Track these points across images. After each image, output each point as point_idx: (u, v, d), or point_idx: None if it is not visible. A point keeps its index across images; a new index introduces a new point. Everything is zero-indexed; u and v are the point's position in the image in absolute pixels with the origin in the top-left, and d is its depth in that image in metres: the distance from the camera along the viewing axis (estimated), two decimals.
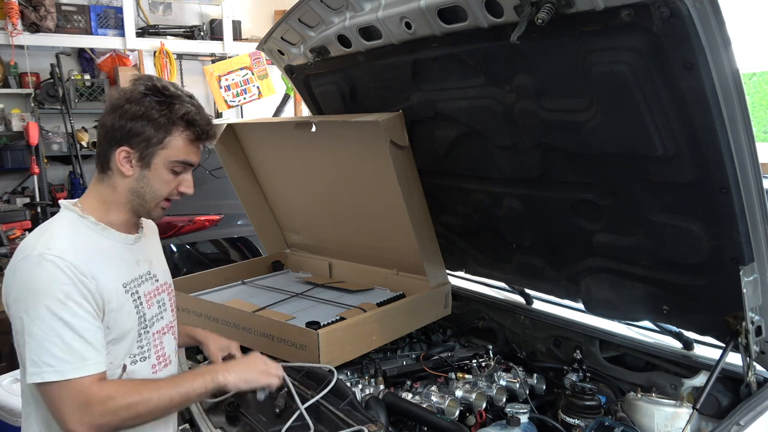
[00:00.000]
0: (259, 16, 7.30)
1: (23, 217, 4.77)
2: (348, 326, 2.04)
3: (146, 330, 1.46)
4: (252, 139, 2.78)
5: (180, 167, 1.44)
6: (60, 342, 1.25)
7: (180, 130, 1.40)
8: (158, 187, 1.44)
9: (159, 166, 1.42)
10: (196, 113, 1.42)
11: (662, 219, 1.71)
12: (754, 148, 1.41)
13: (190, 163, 1.46)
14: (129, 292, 1.42)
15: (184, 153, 1.43)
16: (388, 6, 1.83)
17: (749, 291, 1.57)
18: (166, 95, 1.40)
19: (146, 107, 1.37)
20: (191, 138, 1.43)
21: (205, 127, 1.44)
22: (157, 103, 1.38)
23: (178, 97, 1.41)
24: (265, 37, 2.36)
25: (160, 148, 1.40)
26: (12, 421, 2.33)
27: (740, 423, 1.51)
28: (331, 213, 2.70)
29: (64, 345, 1.25)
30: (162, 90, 1.40)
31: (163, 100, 1.39)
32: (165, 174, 1.43)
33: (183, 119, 1.40)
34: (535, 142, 1.84)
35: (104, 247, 1.40)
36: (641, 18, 1.35)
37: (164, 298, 1.56)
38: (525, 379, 2.06)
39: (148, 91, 1.38)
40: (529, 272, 2.26)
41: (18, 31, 5.44)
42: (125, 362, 1.41)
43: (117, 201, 1.44)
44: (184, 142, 1.42)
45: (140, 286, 1.46)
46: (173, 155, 1.42)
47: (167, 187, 1.45)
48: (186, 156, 1.44)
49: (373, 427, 1.56)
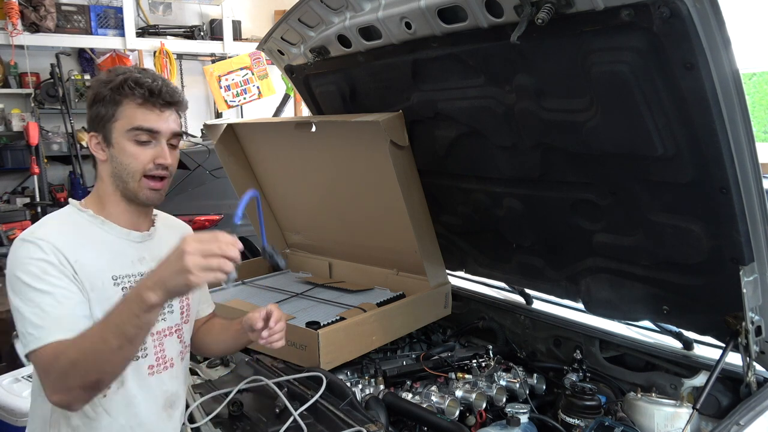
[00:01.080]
0: (259, 16, 7.30)
1: (23, 217, 4.77)
2: (348, 326, 2.04)
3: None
4: (252, 139, 2.78)
5: (143, 135, 1.39)
6: (39, 311, 1.25)
7: (127, 98, 1.38)
8: (127, 162, 1.39)
9: (119, 139, 1.39)
10: (137, 76, 1.38)
11: (662, 219, 1.71)
12: (754, 148, 1.41)
13: (149, 129, 1.39)
14: (119, 285, 1.40)
15: (136, 119, 1.38)
16: (388, 6, 1.83)
17: (749, 291, 1.57)
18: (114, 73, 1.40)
19: (96, 90, 1.40)
20: (139, 102, 1.38)
21: (153, 85, 1.37)
22: (104, 83, 1.39)
23: (126, 71, 1.41)
24: (265, 37, 2.36)
25: (113, 122, 1.39)
26: (12, 421, 2.33)
27: (740, 423, 1.52)
28: (331, 213, 2.70)
29: (43, 313, 1.25)
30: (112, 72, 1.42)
31: (109, 78, 1.40)
32: (128, 146, 1.39)
33: (125, 84, 1.37)
34: (535, 142, 1.84)
35: (98, 238, 1.40)
36: (641, 18, 1.35)
37: (173, 300, 1.51)
38: (525, 379, 2.06)
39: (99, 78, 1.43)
40: (529, 272, 2.26)
41: (18, 31, 5.44)
42: None
43: (107, 191, 1.44)
44: (133, 107, 1.38)
45: (136, 283, 1.43)
46: (126, 124, 1.38)
47: (137, 161, 1.39)
48: (140, 121, 1.38)
49: (373, 427, 1.56)
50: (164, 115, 1.41)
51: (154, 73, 1.43)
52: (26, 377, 2.51)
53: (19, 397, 2.37)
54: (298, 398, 1.73)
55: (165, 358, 1.51)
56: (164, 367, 1.51)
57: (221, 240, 1.13)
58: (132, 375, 1.42)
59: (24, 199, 5.63)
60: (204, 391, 1.84)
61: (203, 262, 1.10)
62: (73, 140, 5.71)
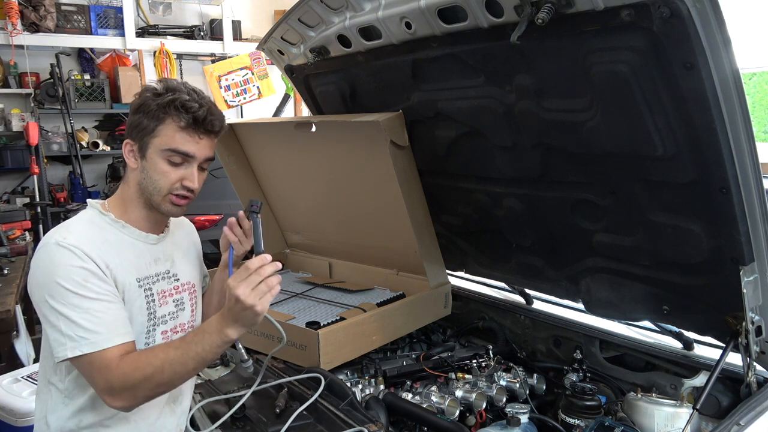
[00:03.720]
0: (259, 16, 7.30)
1: (23, 217, 4.76)
2: (348, 326, 2.04)
3: (154, 327, 1.47)
4: (252, 139, 2.78)
5: (176, 157, 1.40)
6: (89, 316, 1.29)
7: (171, 118, 1.38)
8: (156, 178, 1.41)
9: (154, 155, 1.40)
10: (187, 100, 1.38)
11: (662, 219, 1.71)
12: (754, 148, 1.41)
13: (185, 153, 1.40)
14: (142, 287, 1.44)
15: (175, 141, 1.39)
16: (388, 6, 1.83)
17: (749, 291, 1.57)
18: (166, 88, 1.40)
19: (144, 99, 1.40)
20: (182, 125, 1.38)
21: (198, 113, 1.39)
22: (154, 95, 1.40)
23: (175, 89, 1.40)
24: (265, 37, 2.36)
25: (152, 137, 1.39)
26: (12, 421, 2.33)
27: (740, 423, 1.51)
28: (331, 213, 2.70)
29: (95, 318, 1.29)
30: (164, 84, 1.42)
31: (160, 92, 1.40)
32: (161, 164, 1.40)
33: (172, 105, 1.37)
34: (535, 142, 1.84)
35: (120, 242, 1.43)
36: (641, 18, 1.35)
37: (184, 298, 1.56)
38: (525, 379, 2.06)
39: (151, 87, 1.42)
40: (529, 272, 2.26)
41: (18, 31, 5.44)
42: None
43: (131, 196, 1.46)
44: (174, 129, 1.39)
45: (155, 284, 1.47)
46: (164, 143, 1.39)
47: (166, 179, 1.41)
48: (178, 144, 1.39)
49: (373, 427, 1.56)
50: (202, 143, 1.43)
51: (203, 98, 1.43)
52: (26, 377, 2.51)
53: (19, 397, 2.37)
54: (298, 398, 1.73)
55: None
56: None
57: (252, 268, 1.28)
58: None
59: (24, 199, 5.62)
60: (205, 392, 1.84)
61: (256, 294, 1.27)
62: (73, 140, 5.70)
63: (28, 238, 4.58)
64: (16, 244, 4.27)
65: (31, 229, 4.83)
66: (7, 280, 3.54)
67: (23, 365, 2.99)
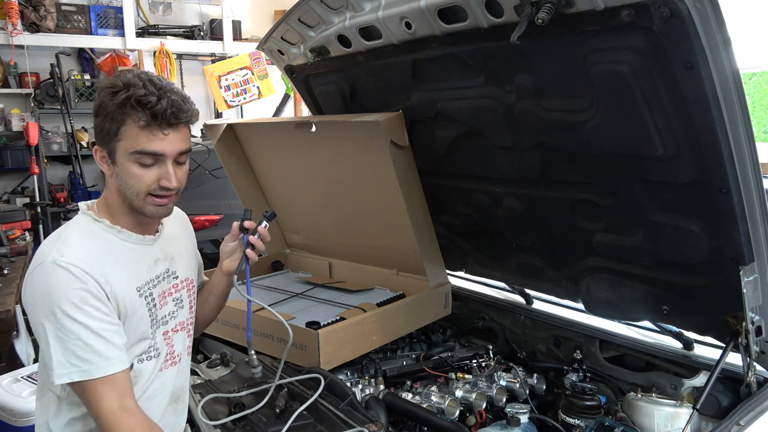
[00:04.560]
0: (259, 16, 7.30)
1: (23, 217, 4.76)
2: (348, 326, 2.04)
3: (157, 329, 1.46)
4: (252, 139, 2.78)
5: (146, 158, 1.30)
6: (82, 344, 1.26)
7: (130, 118, 1.27)
8: (131, 183, 1.32)
9: (123, 159, 1.30)
10: (143, 95, 1.25)
11: (662, 219, 1.71)
12: (754, 148, 1.41)
13: (152, 153, 1.29)
14: (143, 295, 1.41)
15: (139, 142, 1.28)
16: (388, 6, 1.83)
17: (749, 291, 1.57)
18: (121, 84, 1.28)
19: (101, 100, 1.30)
20: (142, 124, 1.27)
21: (157, 108, 1.26)
22: (110, 94, 1.28)
23: (130, 84, 1.28)
24: (265, 37, 2.36)
25: (117, 141, 1.29)
26: (12, 421, 2.33)
27: (740, 423, 1.52)
28: (331, 213, 2.70)
29: (86, 346, 1.26)
30: (119, 78, 1.30)
31: (115, 89, 1.28)
32: (132, 168, 1.30)
33: (128, 104, 1.25)
34: (535, 142, 1.84)
35: (119, 250, 1.38)
36: (641, 18, 1.35)
37: (182, 295, 1.54)
38: (525, 379, 2.06)
39: (107, 85, 1.31)
40: (529, 272, 2.26)
41: (18, 31, 5.44)
42: (133, 361, 1.41)
43: (115, 202, 1.40)
44: (136, 129, 1.27)
45: (155, 287, 1.45)
46: (129, 146, 1.28)
47: (141, 183, 1.32)
48: (143, 145, 1.28)
49: (373, 427, 1.56)
50: (169, 138, 1.31)
51: (161, 86, 1.30)
52: (26, 377, 2.51)
53: (19, 397, 2.36)
54: (298, 398, 1.73)
55: (174, 354, 1.53)
56: (172, 363, 1.52)
57: None
58: (143, 374, 1.44)
59: (24, 199, 5.62)
60: (204, 392, 1.84)
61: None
62: (73, 140, 5.71)
63: (28, 238, 4.58)
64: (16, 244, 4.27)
65: (31, 229, 4.83)
66: (7, 280, 3.54)
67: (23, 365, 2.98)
